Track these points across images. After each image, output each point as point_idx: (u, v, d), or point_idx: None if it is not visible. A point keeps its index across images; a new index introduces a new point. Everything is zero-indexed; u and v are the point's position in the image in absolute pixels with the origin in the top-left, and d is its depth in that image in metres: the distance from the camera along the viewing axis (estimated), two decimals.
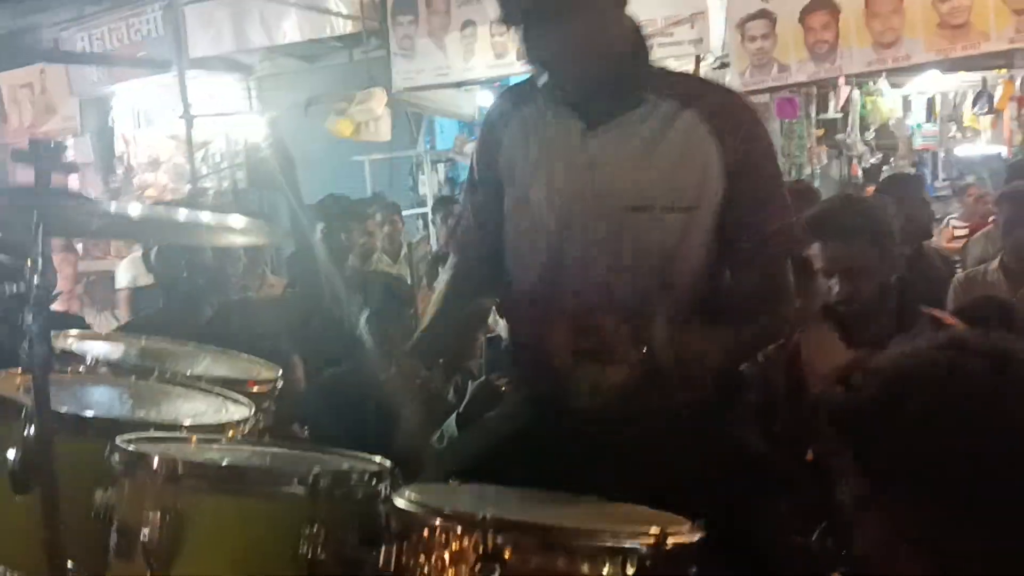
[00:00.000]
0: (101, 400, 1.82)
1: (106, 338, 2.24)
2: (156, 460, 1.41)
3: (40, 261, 1.45)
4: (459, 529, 1.25)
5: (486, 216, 2.00)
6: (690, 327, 1.69)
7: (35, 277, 1.45)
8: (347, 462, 1.59)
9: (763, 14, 6.78)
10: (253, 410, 1.76)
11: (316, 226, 3.06)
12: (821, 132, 7.93)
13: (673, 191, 1.79)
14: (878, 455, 0.97)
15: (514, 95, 1.98)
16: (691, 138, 1.79)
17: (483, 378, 2.92)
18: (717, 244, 1.83)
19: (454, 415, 2.93)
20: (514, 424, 1.96)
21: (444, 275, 2.13)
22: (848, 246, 2.41)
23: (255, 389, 1.98)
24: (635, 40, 1.83)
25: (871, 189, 8.22)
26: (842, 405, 1.02)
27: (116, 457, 1.45)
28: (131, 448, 1.45)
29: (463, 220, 2.06)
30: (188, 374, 1.94)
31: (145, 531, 1.38)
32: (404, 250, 5.76)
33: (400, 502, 1.34)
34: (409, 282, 4.12)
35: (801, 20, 6.69)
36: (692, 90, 1.84)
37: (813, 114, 7.69)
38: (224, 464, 1.52)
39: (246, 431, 1.72)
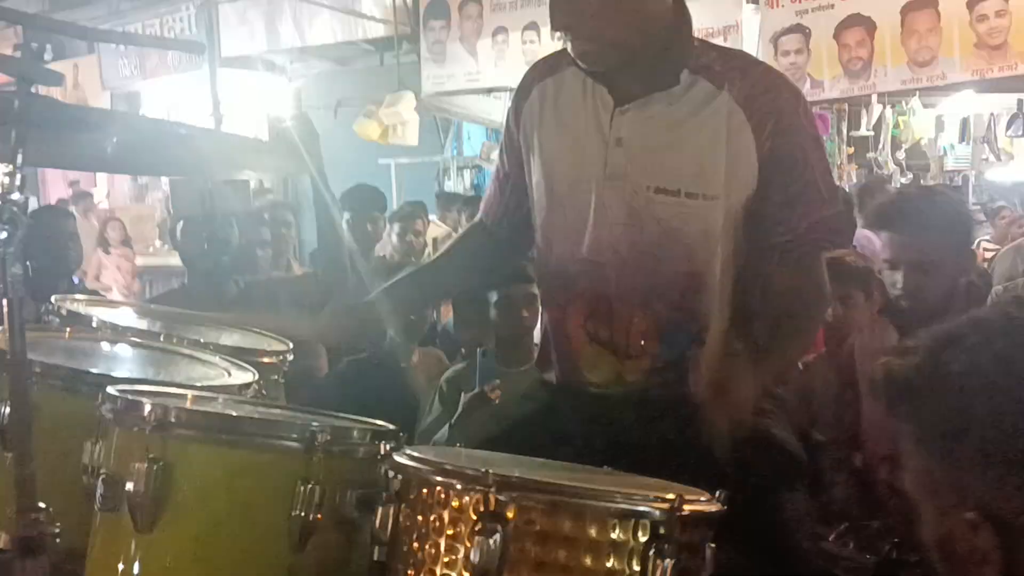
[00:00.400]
0: (101, 359, 1.77)
1: (117, 304, 2.20)
2: (147, 407, 1.35)
3: (19, 175, 1.38)
4: (459, 486, 1.18)
5: (508, 185, 1.95)
6: (729, 361, 1.61)
7: (14, 192, 1.37)
8: (351, 423, 1.52)
9: (797, 28, 6.72)
10: (257, 376, 1.70)
11: (338, 204, 3.02)
12: (852, 150, 7.86)
13: (701, 177, 1.71)
14: (933, 420, 0.90)
15: (542, 67, 1.91)
16: (725, 124, 1.70)
17: (476, 390, 2.85)
18: (748, 238, 1.75)
19: (446, 427, 2.89)
20: (531, 405, 1.91)
21: (460, 234, 2.10)
22: (918, 237, 2.27)
23: (265, 360, 1.93)
24: (676, 13, 1.74)
25: None
26: (891, 373, 0.95)
27: (106, 406, 1.39)
28: (121, 395, 1.40)
29: (489, 185, 2.02)
30: (196, 341, 1.88)
31: (131, 483, 1.32)
32: (428, 248, 5.76)
33: (400, 458, 1.27)
34: None
35: (836, 36, 6.63)
36: (732, 70, 1.74)
37: (844, 131, 7.61)
38: (216, 412, 1.45)
39: (249, 395, 1.66)
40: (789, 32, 6.74)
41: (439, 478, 1.20)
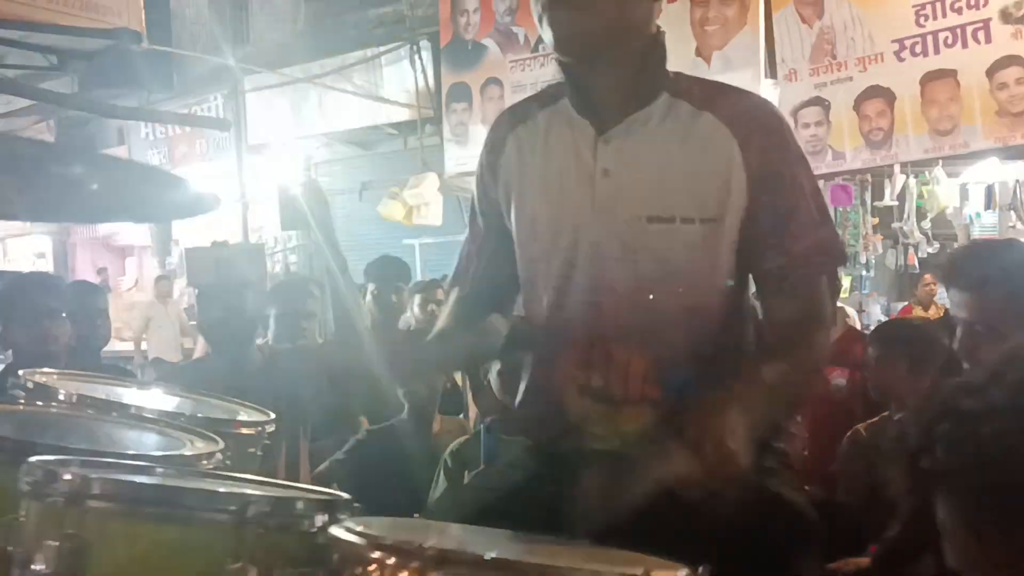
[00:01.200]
0: (51, 431, 1.63)
1: (92, 379, 2.13)
2: (63, 477, 1.23)
3: None
4: (393, 561, 1.08)
5: (489, 249, 1.87)
6: (725, 396, 1.49)
7: None
8: (295, 493, 1.42)
9: (816, 101, 6.79)
10: (222, 446, 1.58)
11: (348, 271, 3.00)
12: (876, 220, 7.83)
13: (694, 200, 1.62)
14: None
15: (509, 117, 1.84)
16: (712, 142, 1.62)
17: (482, 467, 2.79)
18: (743, 265, 1.66)
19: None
20: (516, 476, 1.80)
21: (443, 309, 1.97)
22: (976, 292, 2.13)
23: (242, 431, 1.84)
24: (656, 40, 1.68)
25: (928, 277, 8.08)
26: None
27: (26, 477, 1.26)
28: (40, 464, 1.27)
29: (463, 251, 1.92)
30: (165, 411, 1.80)
31: (39, 563, 1.19)
32: None
33: (336, 531, 1.18)
34: None
35: (855, 107, 6.68)
36: (710, 92, 1.67)
37: (868, 202, 7.61)
38: (139, 482, 1.32)
39: (210, 466, 1.53)
40: (808, 105, 6.79)
41: (373, 553, 1.11)
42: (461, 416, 3.89)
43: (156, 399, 2.04)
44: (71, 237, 11.92)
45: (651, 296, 1.64)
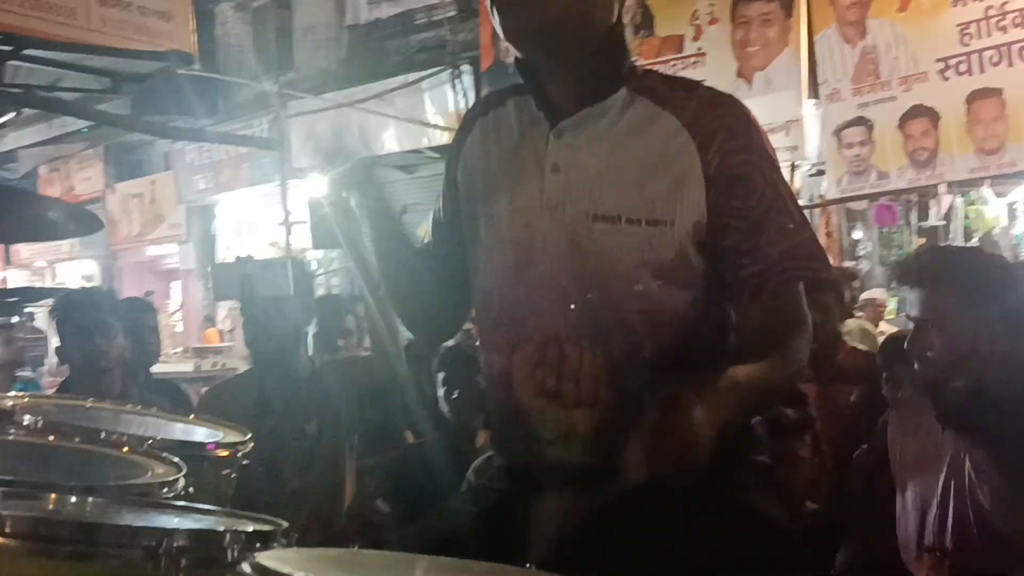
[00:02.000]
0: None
1: (56, 401, 2.11)
2: None
3: None
4: None
5: (443, 230, 1.81)
6: (690, 386, 1.44)
7: None
8: (228, 524, 1.36)
9: (860, 121, 6.75)
10: (183, 472, 1.54)
11: (380, 285, 3.02)
12: (922, 241, 7.73)
13: (642, 201, 1.55)
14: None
15: (482, 103, 1.79)
16: (667, 143, 1.56)
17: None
18: (712, 272, 1.58)
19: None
20: (489, 496, 1.74)
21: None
22: (926, 293, 2.12)
23: (219, 453, 1.81)
24: (614, 33, 1.61)
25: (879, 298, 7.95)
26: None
27: None
28: None
29: (431, 235, 1.86)
30: (135, 435, 1.76)
31: None
32: None
33: (244, 566, 1.12)
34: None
35: (900, 127, 6.63)
36: (677, 90, 1.60)
37: (914, 222, 7.52)
38: (50, 518, 1.26)
39: (170, 494, 1.49)
40: (852, 125, 6.75)
41: None
42: None
43: (138, 423, 2.02)
44: (118, 261, 12.13)
45: (599, 297, 1.58)
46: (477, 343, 1.89)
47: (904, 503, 2.14)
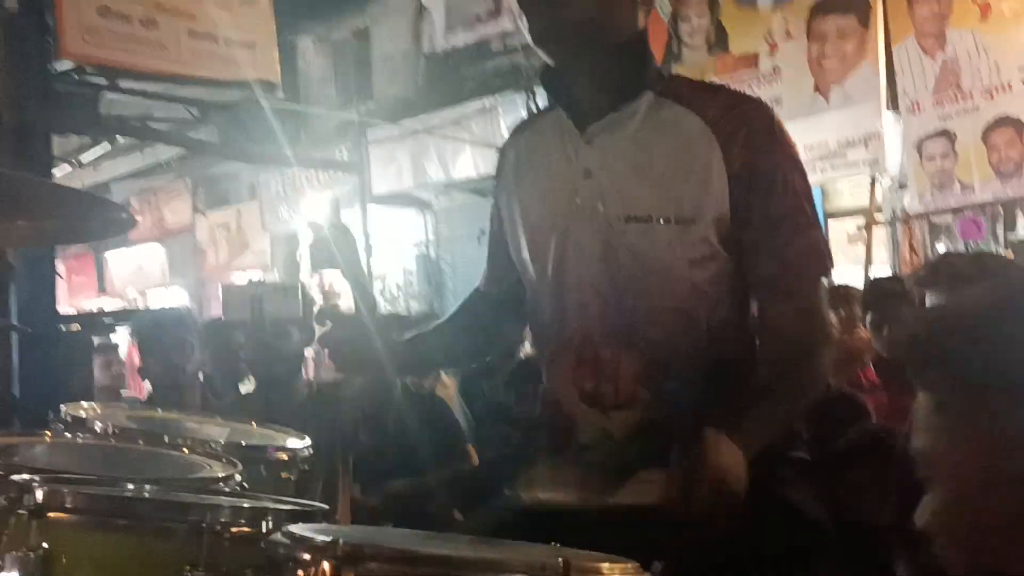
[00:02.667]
0: (68, 460, 1.73)
1: (129, 411, 2.22)
2: (35, 491, 1.30)
3: None
4: (307, 557, 1.12)
5: (492, 250, 1.90)
6: (733, 415, 1.46)
7: None
8: (269, 504, 1.44)
9: (942, 133, 6.61)
10: (239, 469, 1.64)
11: (376, 308, 3.05)
12: (1011, 254, 7.52)
13: (671, 201, 1.59)
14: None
15: (519, 127, 1.88)
16: (692, 142, 1.60)
17: None
18: (736, 271, 1.61)
19: None
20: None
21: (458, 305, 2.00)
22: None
23: (279, 456, 1.91)
24: (639, 38, 1.67)
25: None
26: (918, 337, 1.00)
27: (1, 497, 1.34)
28: (15, 482, 1.34)
29: (488, 252, 1.94)
30: (198, 439, 1.86)
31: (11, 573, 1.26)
32: None
33: (275, 535, 1.20)
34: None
35: (983, 138, 6.48)
36: (698, 92, 1.66)
37: (1001, 235, 7.32)
38: (100, 494, 1.38)
39: (226, 489, 1.59)
40: (934, 137, 6.62)
41: (298, 554, 1.14)
42: None
43: (202, 429, 2.11)
44: (206, 288, 12.50)
45: (632, 297, 1.62)
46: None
47: None
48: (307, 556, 1.12)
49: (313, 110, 9.67)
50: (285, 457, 1.91)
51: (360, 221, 8.86)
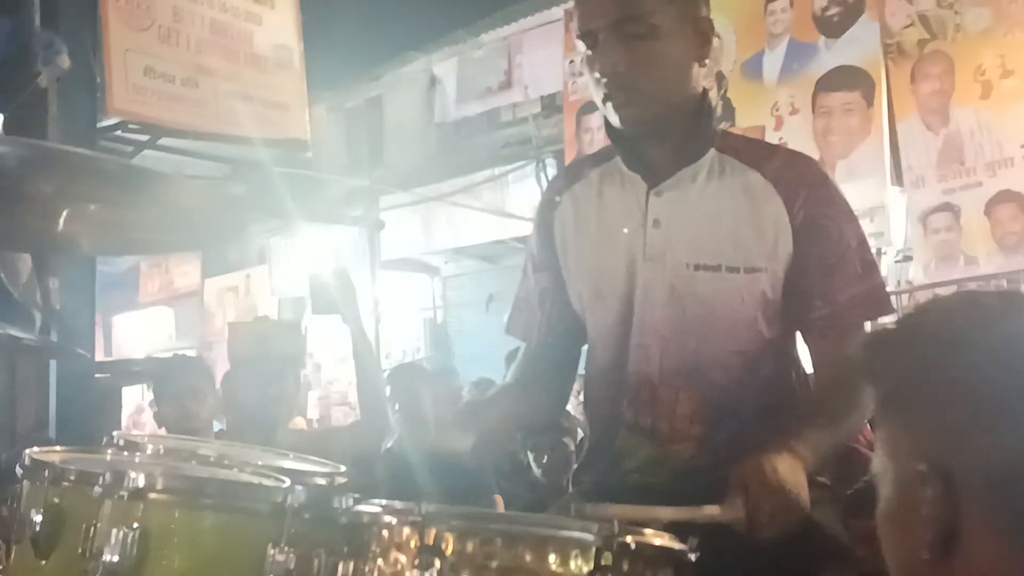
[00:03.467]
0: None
1: (177, 440, 2.27)
2: (130, 475, 1.37)
3: None
4: (395, 521, 1.21)
5: (548, 301, 1.95)
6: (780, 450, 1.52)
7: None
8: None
9: (946, 207, 6.73)
10: (289, 483, 1.70)
11: (375, 354, 3.07)
12: None
13: (740, 250, 1.72)
14: (898, 380, 1.00)
15: (565, 176, 1.97)
16: (758, 197, 1.73)
17: None
18: (790, 315, 1.74)
19: None
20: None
21: (513, 366, 2.05)
22: None
23: (318, 480, 1.88)
24: (703, 101, 1.80)
25: None
26: (869, 339, 1.10)
27: (97, 487, 1.41)
28: (108, 469, 1.42)
29: (523, 306, 1.99)
30: (247, 462, 1.88)
31: (109, 554, 1.33)
32: None
33: (356, 509, 1.29)
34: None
35: (987, 212, 6.60)
36: (757, 151, 1.80)
37: None
38: (191, 475, 1.48)
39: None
40: (938, 211, 6.74)
41: (383, 518, 1.23)
42: None
43: (244, 454, 2.13)
44: (212, 352, 12.55)
45: (695, 340, 1.72)
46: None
47: None
48: (392, 519, 1.20)
49: (325, 176, 9.83)
50: (323, 482, 1.92)
51: (370, 285, 8.97)
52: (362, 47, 9.69)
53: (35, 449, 1.61)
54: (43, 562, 1.43)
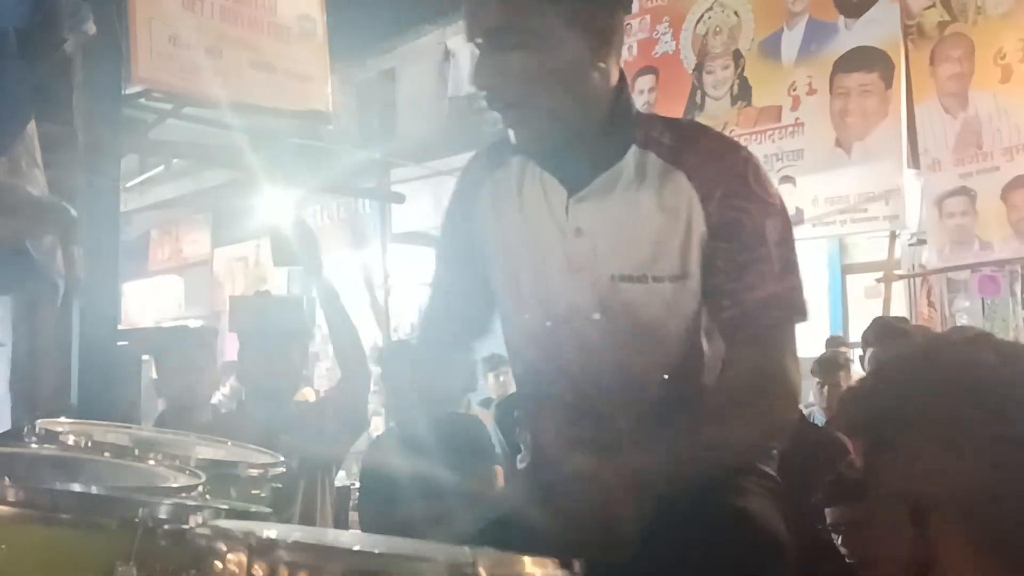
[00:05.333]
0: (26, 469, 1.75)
1: (105, 426, 2.23)
2: None
3: None
4: (224, 548, 1.15)
5: (454, 294, 1.81)
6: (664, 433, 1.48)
7: None
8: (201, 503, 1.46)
9: (962, 191, 6.73)
10: (203, 480, 1.63)
11: (339, 297, 3.00)
12: None
13: (665, 258, 1.58)
14: (879, 424, 1.09)
15: (486, 158, 1.78)
16: (678, 199, 1.58)
17: None
18: (705, 316, 1.60)
19: None
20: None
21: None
22: None
23: (251, 472, 1.89)
24: (618, 96, 1.63)
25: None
26: (851, 392, 1.19)
27: None
28: None
29: (429, 300, 1.87)
30: (164, 454, 1.85)
31: None
32: None
33: (201, 529, 1.24)
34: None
35: (1003, 197, 6.59)
36: (682, 141, 1.62)
37: (1019, 293, 7.40)
38: (35, 488, 1.40)
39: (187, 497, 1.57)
40: (953, 195, 6.73)
41: (215, 544, 1.18)
42: None
43: (176, 444, 2.10)
44: (220, 321, 12.60)
45: (629, 355, 1.61)
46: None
47: None
48: (223, 546, 1.15)
49: (338, 147, 9.82)
50: (255, 473, 1.89)
51: (380, 259, 8.99)
52: (376, 19, 9.65)
53: None
54: None
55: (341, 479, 4.40)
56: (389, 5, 9.60)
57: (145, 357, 3.89)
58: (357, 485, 4.47)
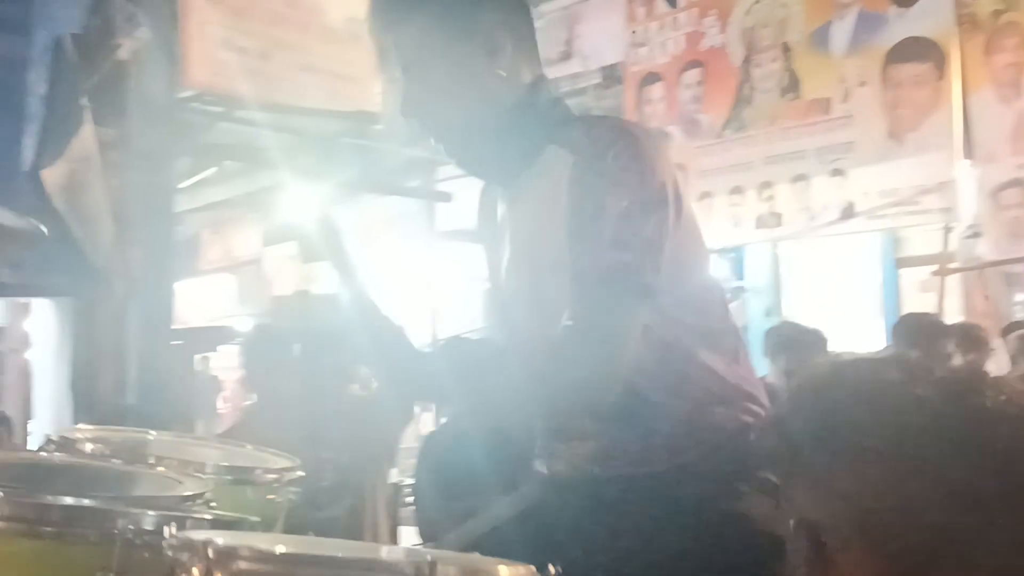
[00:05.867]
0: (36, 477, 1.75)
1: (124, 433, 2.23)
2: None
3: None
4: (185, 557, 1.16)
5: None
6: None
7: None
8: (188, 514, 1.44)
9: (1017, 182, 6.59)
10: (207, 487, 1.62)
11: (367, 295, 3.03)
12: None
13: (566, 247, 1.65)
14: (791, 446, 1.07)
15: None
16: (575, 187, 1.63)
17: None
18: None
19: None
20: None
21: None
22: None
23: (268, 477, 1.88)
24: (530, 98, 1.69)
25: None
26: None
27: None
28: None
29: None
30: (172, 459, 1.86)
31: None
32: None
33: (168, 540, 1.23)
34: None
35: None
36: (578, 133, 1.64)
37: None
38: (17, 501, 1.40)
39: (193, 506, 1.56)
40: (1009, 187, 6.60)
41: (177, 555, 1.18)
42: None
43: (193, 450, 2.11)
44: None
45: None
46: None
47: None
48: (184, 557, 1.16)
49: (384, 146, 9.88)
50: (271, 479, 1.89)
51: (426, 257, 9.02)
52: None
53: None
54: None
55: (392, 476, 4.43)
56: None
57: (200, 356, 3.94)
58: (407, 482, 4.50)
